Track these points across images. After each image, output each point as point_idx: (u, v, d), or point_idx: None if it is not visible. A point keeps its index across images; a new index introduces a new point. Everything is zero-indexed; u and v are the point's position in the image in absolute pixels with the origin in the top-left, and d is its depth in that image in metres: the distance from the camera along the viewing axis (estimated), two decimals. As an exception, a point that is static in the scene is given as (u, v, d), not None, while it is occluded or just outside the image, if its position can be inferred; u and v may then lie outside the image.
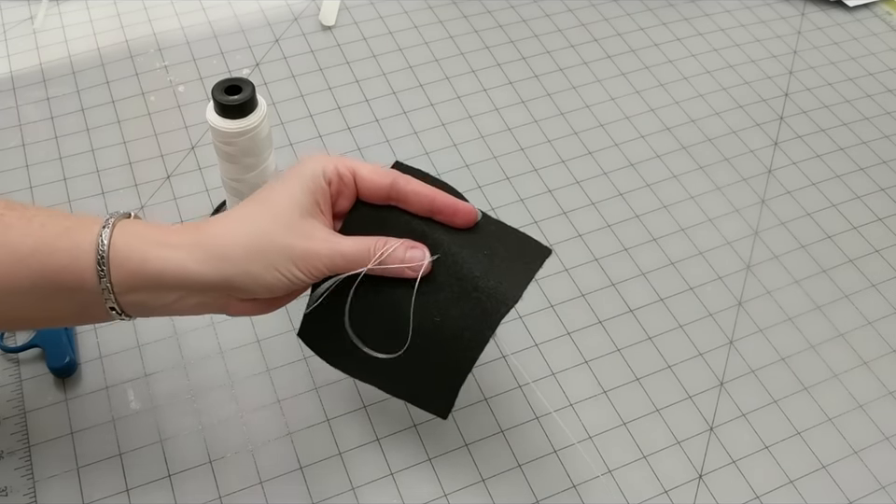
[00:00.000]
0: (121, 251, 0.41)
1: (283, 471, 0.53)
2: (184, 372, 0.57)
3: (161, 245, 0.42)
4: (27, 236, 0.41)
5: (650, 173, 0.72)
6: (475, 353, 0.45)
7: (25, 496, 0.51)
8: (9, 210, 0.42)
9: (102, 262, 0.41)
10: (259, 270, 0.42)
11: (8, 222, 0.41)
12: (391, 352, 0.47)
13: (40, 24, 0.81)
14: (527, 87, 0.79)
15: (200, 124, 0.73)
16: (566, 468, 0.54)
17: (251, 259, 0.42)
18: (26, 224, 0.41)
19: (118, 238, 0.41)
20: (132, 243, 0.41)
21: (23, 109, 0.73)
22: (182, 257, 0.41)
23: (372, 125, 0.74)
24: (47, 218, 0.42)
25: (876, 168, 0.74)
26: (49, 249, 0.41)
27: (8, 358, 0.57)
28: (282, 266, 0.42)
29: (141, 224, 0.43)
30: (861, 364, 0.61)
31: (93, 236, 0.41)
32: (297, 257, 0.42)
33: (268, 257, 0.42)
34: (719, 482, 0.54)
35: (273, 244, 0.42)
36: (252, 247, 0.42)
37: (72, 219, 0.42)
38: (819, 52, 0.85)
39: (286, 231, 0.42)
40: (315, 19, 0.83)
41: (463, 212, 0.45)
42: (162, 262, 0.41)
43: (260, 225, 0.42)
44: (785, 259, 0.67)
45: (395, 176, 0.45)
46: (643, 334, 0.61)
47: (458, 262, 0.45)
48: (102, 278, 0.41)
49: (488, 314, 0.44)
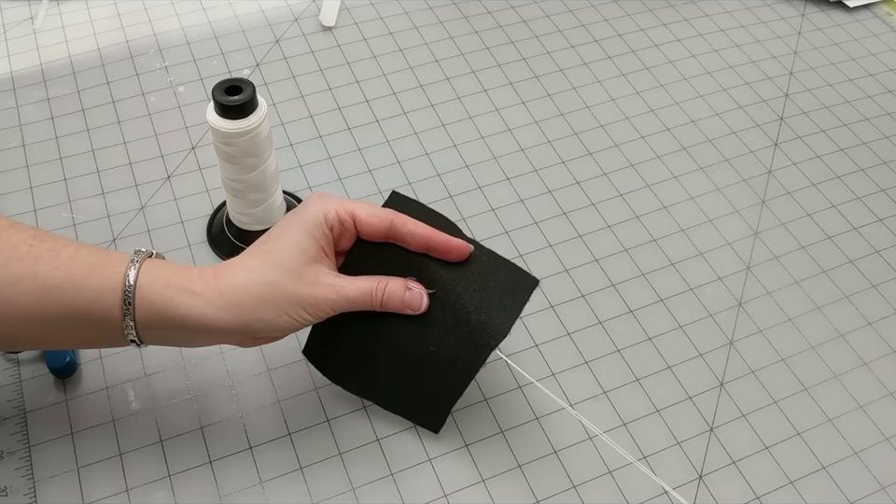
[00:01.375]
0: (147, 294, 0.44)
1: (283, 471, 0.53)
2: (184, 373, 0.57)
3: (184, 291, 0.45)
4: (56, 269, 0.44)
5: (650, 173, 0.72)
6: (467, 380, 0.51)
7: (25, 496, 0.51)
8: (39, 242, 0.44)
9: (127, 302, 0.44)
10: (272, 316, 0.46)
11: (38, 253, 0.44)
12: (389, 378, 0.52)
13: (40, 24, 0.81)
14: (527, 87, 0.79)
15: (200, 124, 0.73)
16: (566, 468, 0.54)
17: (265, 307, 0.46)
18: (55, 257, 0.44)
19: (143, 279, 0.44)
20: (156, 286, 0.45)
21: (24, 109, 0.73)
22: (203, 304, 0.45)
23: (373, 125, 0.74)
24: (75, 252, 0.45)
25: (877, 169, 0.74)
26: (77, 284, 0.44)
27: (8, 359, 0.57)
28: (292, 312, 0.46)
29: (165, 266, 0.46)
30: (862, 365, 0.61)
31: (120, 275, 0.44)
32: (305, 303, 0.46)
33: (279, 305, 0.46)
34: (719, 482, 0.54)
35: (284, 294, 0.46)
36: (265, 298, 0.46)
37: (99, 255, 0.45)
38: (820, 53, 0.85)
39: (294, 280, 0.46)
40: (315, 19, 0.84)
41: (456, 250, 0.49)
42: (186, 308, 0.45)
43: (271, 276, 0.46)
44: (785, 260, 0.67)
45: (392, 218, 0.49)
46: (643, 335, 0.61)
47: (452, 298, 0.50)
48: (126, 316, 0.44)
49: (479, 346, 0.50)
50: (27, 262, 0.43)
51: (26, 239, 0.44)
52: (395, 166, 0.71)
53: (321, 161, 0.71)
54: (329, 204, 0.48)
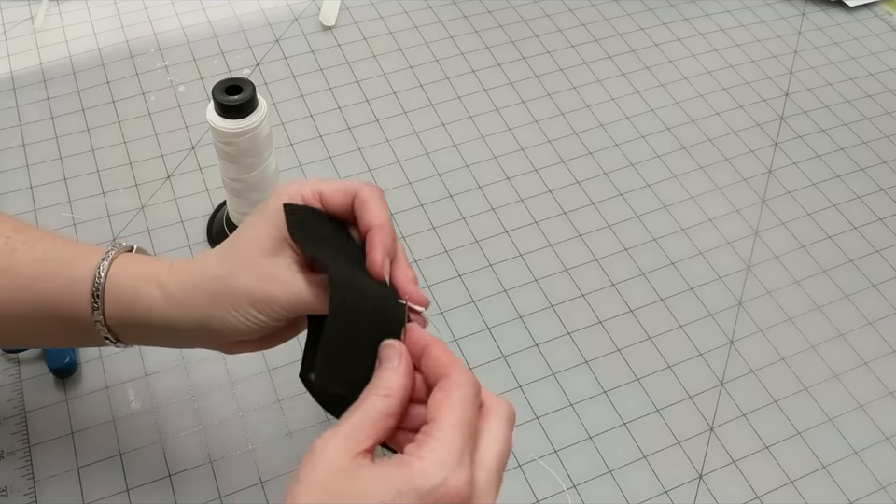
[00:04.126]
0: (115, 287, 0.41)
1: (283, 471, 0.53)
2: (184, 372, 0.57)
3: (150, 282, 0.41)
4: (31, 262, 0.42)
5: (650, 173, 0.72)
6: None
7: (25, 496, 0.51)
8: (17, 233, 0.43)
9: (96, 295, 0.41)
10: (221, 313, 0.41)
11: (13, 246, 0.42)
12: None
13: (40, 24, 0.81)
14: (528, 87, 0.79)
15: (200, 124, 0.73)
16: (566, 467, 0.54)
17: (213, 303, 0.41)
18: (30, 250, 0.42)
19: (115, 272, 0.42)
20: (125, 278, 0.42)
21: (24, 109, 0.73)
22: (164, 297, 0.41)
23: (373, 125, 0.74)
24: (50, 245, 0.43)
25: (877, 168, 0.74)
26: (49, 277, 0.42)
27: (9, 358, 0.57)
28: (241, 310, 0.41)
29: (140, 259, 0.43)
30: (862, 364, 0.61)
31: (91, 268, 0.42)
32: (255, 300, 0.40)
33: (227, 301, 0.41)
34: (719, 482, 0.54)
35: (232, 289, 0.40)
36: (213, 292, 0.41)
37: (74, 248, 0.43)
38: (820, 52, 0.85)
39: (245, 274, 0.41)
40: (315, 19, 0.83)
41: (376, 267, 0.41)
42: (151, 301, 0.41)
43: (223, 269, 0.41)
44: (785, 259, 0.67)
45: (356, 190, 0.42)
46: (643, 334, 0.61)
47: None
48: (95, 310, 0.41)
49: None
50: (2, 256, 0.42)
51: (4, 231, 0.43)
52: (395, 165, 0.71)
53: (321, 160, 0.71)
54: (293, 188, 0.42)
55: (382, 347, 0.38)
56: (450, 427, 0.34)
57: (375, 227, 0.41)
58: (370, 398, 0.36)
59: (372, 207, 0.41)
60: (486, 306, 0.62)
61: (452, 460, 0.33)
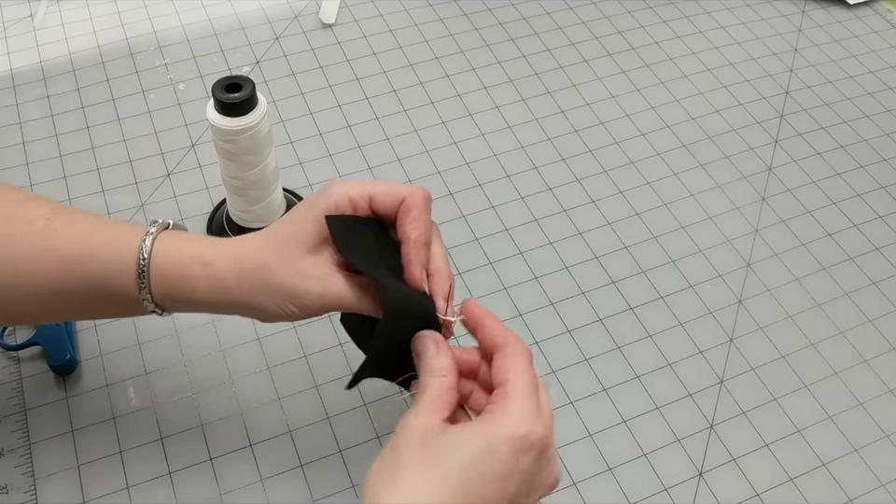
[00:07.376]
0: (160, 265, 0.44)
1: (283, 469, 0.53)
2: (184, 370, 0.57)
3: (194, 262, 0.44)
4: (72, 243, 0.43)
5: (650, 170, 0.72)
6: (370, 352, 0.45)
7: (26, 493, 0.51)
8: (56, 215, 0.44)
9: (142, 275, 0.43)
10: (262, 302, 0.44)
11: (55, 227, 0.44)
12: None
13: (40, 22, 0.81)
14: (528, 85, 0.79)
15: (200, 122, 0.73)
16: (566, 465, 0.54)
17: (257, 291, 0.43)
18: (71, 230, 0.44)
19: (157, 251, 0.44)
20: (169, 257, 0.44)
21: (23, 107, 0.73)
22: (209, 277, 0.44)
23: (373, 123, 0.74)
24: (91, 225, 0.45)
25: (877, 166, 0.74)
26: (93, 257, 0.43)
27: (9, 356, 0.57)
28: (279, 302, 0.43)
29: (180, 237, 0.45)
30: (862, 362, 0.61)
31: (134, 248, 0.43)
32: (290, 296, 0.43)
33: (268, 292, 0.43)
34: (719, 479, 0.54)
35: (271, 281, 0.43)
36: (254, 282, 0.43)
37: (116, 227, 0.45)
38: (820, 50, 0.85)
39: (284, 267, 0.43)
40: (315, 16, 0.83)
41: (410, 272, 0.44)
42: (195, 280, 0.44)
43: (265, 260, 0.44)
44: (785, 257, 0.67)
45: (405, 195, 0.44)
46: (643, 332, 0.61)
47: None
48: (142, 289, 0.44)
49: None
50: (44, 237, 0.43)
51: (44, 213, 0.44)
52: (395, 164, 0.71)
53: (321, 158, 0.71)
54: (343, 188, 0.44)
55: (416, 339, 0.43)
56: (523, 389, 0.40)
57: (410, 241, 0.44)
58: (432, 380, 0.41)
59: (413, 217, 0.44)
60: (486, 303, 0.61)
61: (531, 414, 0.39)
